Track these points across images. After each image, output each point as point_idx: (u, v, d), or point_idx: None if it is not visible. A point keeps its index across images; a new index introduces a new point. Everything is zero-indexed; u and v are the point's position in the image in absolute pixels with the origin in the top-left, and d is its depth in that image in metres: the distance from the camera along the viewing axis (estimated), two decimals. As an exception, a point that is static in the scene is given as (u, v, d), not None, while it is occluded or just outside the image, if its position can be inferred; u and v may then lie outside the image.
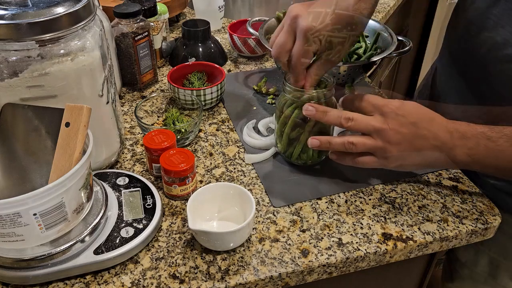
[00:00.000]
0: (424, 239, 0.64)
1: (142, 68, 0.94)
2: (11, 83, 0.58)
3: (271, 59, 1.10)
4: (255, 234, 0.64)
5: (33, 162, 0.64)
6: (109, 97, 0.69)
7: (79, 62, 0.61)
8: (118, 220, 0.62)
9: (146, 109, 0.87)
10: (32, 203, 0.49)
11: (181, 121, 0.83)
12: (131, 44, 0.90)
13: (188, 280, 0.58)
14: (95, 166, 0.72)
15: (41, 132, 0.63)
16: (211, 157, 0.79)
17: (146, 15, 0.97)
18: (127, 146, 0.81)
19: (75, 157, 0.55)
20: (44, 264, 0.56)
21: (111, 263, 0.59)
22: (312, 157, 0.74)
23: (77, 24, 0.59)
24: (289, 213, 0.68)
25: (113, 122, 0.72)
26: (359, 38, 0.96)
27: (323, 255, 0.61)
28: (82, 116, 0.55)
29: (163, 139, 0.71)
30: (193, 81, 0.92)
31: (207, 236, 0.60)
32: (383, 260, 0.64)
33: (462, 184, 0.74)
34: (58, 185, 0.51)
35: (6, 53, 0.56)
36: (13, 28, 0.54)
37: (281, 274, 0.59)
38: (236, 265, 0.60)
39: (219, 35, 1.22)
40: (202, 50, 1.03)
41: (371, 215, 0.67)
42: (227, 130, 0.85)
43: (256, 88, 0.97)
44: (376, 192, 0.72)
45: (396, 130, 0.61)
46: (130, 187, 0.67)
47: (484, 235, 0.68)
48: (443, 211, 0.68)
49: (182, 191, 0.68)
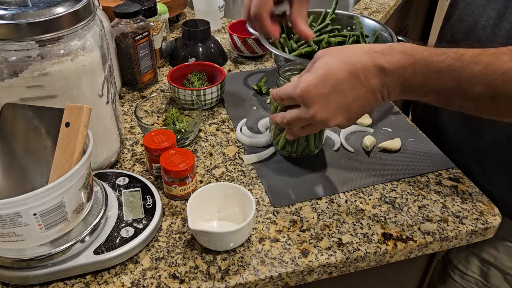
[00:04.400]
0: (424, 239, 0.64)
1: (142, 68, 0.94)
2: (11, 83, 0.58)
3: (271, 59, 1.10)
4: (255, 234, 0.64)
5: (33, 162, 0.64)
6: (109, 97, 0.69)
7: (79, 62, 0.61)
8: (118, 220, 0.62)
9: (146, 109, 0.87)
10: (32, 203, 0.49)
11: (181, 121, 0.83)
12: (131, 44, 0.90)
13: (188, 280, 0.58)
14: (95, 166, 0.72)
15: (41, 132, 0.63)
16: (211, 157, 0.79)
17: (146, 15, 0.97)
18: (127, 146, 0.81)
19: (75, 157, 0.55)
20: (44, 264, 0.56)
21: (111, 263, 0.59)
22: (297, 151, 0.76)
23: (77, 24, 0.59)
24: (289, 213, 0.68)
25: (113, 122, 0.72)
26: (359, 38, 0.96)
27: (323, 255, 0.61)
28: (82, 116, 0.55)
29: (163, 139, 0.71)
30: (193, 81, 0.92)
31: (207, 236, 0.60)
32: (383, 260, 0.64)
33: (462, 184, 0.74)
34: (58, 185, 0.51)
35: (6, 53, 0.56)
36: (13, 28, 0.54)
37: (281, 274, 0.59)
38: (236, 265, 0.60)
39: (219, 35, 1.22)
40: (202, 50, 1.03)
41: (371, 215, 0.67)
42: (227, 130, 0.85)
43: (256, 88, 0.97)
44: (376, 192, 0.72)
45: (319, 110, 0.59)
46: (130, 187, 0.67)
47: (484, 235, 0.68)
48: (443, 211, 0.68)
49: (182, 191, 0.68)
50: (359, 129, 0.86)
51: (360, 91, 0.57)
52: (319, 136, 0.76)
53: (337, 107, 0.59)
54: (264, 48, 1.06)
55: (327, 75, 0.58)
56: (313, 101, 0.59)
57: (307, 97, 0.59)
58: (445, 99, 0.56)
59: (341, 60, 0.58)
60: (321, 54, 0.61)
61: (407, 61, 0.55)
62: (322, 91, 0.58)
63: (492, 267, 0.81)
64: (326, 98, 0.58)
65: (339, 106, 0.58)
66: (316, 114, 0.59)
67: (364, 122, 0.86)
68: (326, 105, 0.58)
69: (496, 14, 0.68)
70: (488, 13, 0.69)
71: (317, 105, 0.59)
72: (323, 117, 0.59)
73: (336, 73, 0.57)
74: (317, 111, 0.59)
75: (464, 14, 0.75)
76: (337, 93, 0.58)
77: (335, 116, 0.59)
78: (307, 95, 0.58)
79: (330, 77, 0.57)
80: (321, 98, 0.58)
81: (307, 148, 0.76)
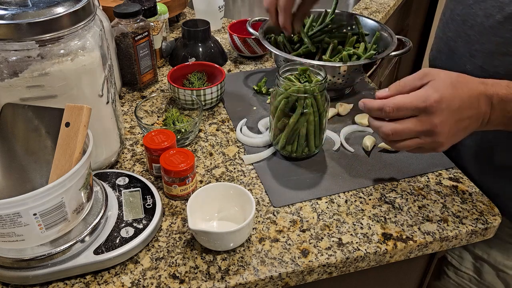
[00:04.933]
0: (424, 239, 0.64)
1: (142, 68, 0.94)
2: (11, 83, 0.58)
3: (271, 59, 1.10)
4: (255, 234, 0.64)
5: (33, 162, 0.64)
6: (109, 97, 0.69)
7: (79, 62, 0.61)
8: (118, 220, 0.62)
9: (146, 109, 0.87)
10: (32, 203, 0.49)
11: (181, 121, 0.83)
12: (131, 44, 0.90)
13: (188, 280, 0.58)
14: (95, 166, 0.72)
15: (41, 132, 0.63)
16: (211, 157, 0.79)
17: (146, 15, 0.97)
18: (127, 146, 0.81)
19: (75, 157, 0.55)
20: (44, 264, 0.56)
21: (111, 263, 0.59)
22: (297, 151, 0.76)
23: (77, 24, 0.59)
24: (289, 213, 0.68)
25: (113, 122, 0.72)
26: (359, 38, 0.96)
27: (323, 255, 0.61)
28: (82, 116, 0.55)
29: (163, 139, 0.71)
30: (193, 81, 0.92)
31: (207, 236, 0.60)
32: (383, 260, 0.64)
33: (462, 184, 0.74)
34: (58, 185, 0.51)
35: (6, 53, 0.56)
36: (13, 28, 0.54)
37: (281, 274, 0.59)
38: (236, 265, 0.60)
39: (219, 35, 1.22)
40: (202, 50, 1.03)
41: (371, 215, 0.67)
42: (227, 130, 0.85)
43: (256, 88, 0.97)
44: (376, 192, 0.72)
45: (442, 123, 0.59)
46: (130, 187, 0.67)
47: (484, 235, 0.68)
48: (443, 211, 0.68)
49: (182, 191, 0.68)
50: (359, 129, 0.86)
51: (472, 114, 0.60)
52: (319, 136, 0.76)
53: (454, 123, 0.59)
54: (264, 48, 1.06)
55: (454, 92, 0.59)
56: (441, 112, 0.58)
57: (438, 108, 0.58)
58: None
59: (462, 83, 0.60)
60: (436, 72, 0.61)
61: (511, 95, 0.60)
62: (452, 105, 0.58)
63: (485, 264, 0.81)
64: (452, 113, 0.59)
65: (455, 123, 0.59)
66: (438, 125, 0.58)
67: (364, 122, 0.86)
68: (449, 119, 0.59)
69: (483, 13, 0.69)
70: (475, 12, 0.71)
71: (443, 117, 0.58)
72: (441, 129, 0.59)
73: (461, 93, 0.59)
74: (440, 122, 0.58)
75: (454, 14, 0.77)
76: (459, 111, 0.59)
77: (449, 131, 0.59)
78: (439, 105, 0.58)
79: (457, 95, 0.59)
80: (448, 112, 0.58)
81: (307, 148, 0.76)
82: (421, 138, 0.60)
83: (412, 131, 0.60)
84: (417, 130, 0.59)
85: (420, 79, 0.61)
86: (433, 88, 0.59)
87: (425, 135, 0.60)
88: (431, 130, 0.59)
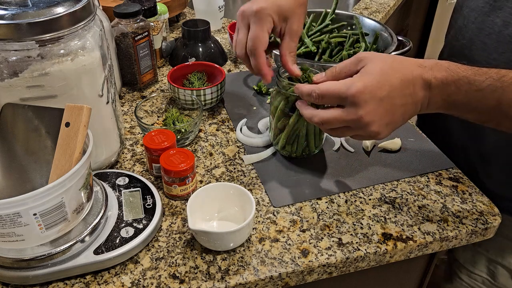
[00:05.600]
0: (424, 239, 0.64)
1: (142, 68, 0.94)
2: (11, 83, 0.58)
3: (271, 59, 1.10)
4: (255, 234, 0.64)
5: (33, 162, 0.64)
6: (109, 97, 0.69)
7: (79, 62, 0.61)
8: (118, 220, 0.62)
9: (146, 109, 0.87)
10: (32, 203, 0.49)
11: (181, 121, 0.83)
12: (131, 44, 0.90)
13: (188, 280, 0.58)
14: (95, 166, 0.72)
15: (41, 132, 0.63)
16: (211, 157, 0.79)
17: (146, 15, 0.97)
18: (127, 146, 0.81)
19: (75, 157, 0.55)
20: (44, 264, 0.56)
21: (111, 263, 0.59)
22: (297, 151, 0.76)
23: (77, 24, 0.59)
24: (289, 213, 0.68)
25: (113, 122, 0.72)
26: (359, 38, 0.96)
27: (323, 255, 0.61)
28: (82, 116, 0.55)
29: (163, 139, 0.71)
30: (193, 81, 0.92)
31: (207, 236, 0.60)
32: (383, 260, 0.64)
33: (462, 184, 0.74)
34: (58, 185, 0.51)
35: (6, 53, 0.56)
36: (13, 28, 0.54)
37: (281, 274, 0.59)
38: (236, 265, 0.60)
39: (219, 35, 1.22)
40: (202, 50, 1.03)
41: (371, 215, 0.67)
42: (227, 130, 0.85)
43: (256, 88, 0.97)
44: (376, 192, 0.72)
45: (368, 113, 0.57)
46: (130, 187, 0.67)
47: (484, 235, 0.68)
48: (443, 211, 0.68)
49: (182, 191, 0.68)
50: (359, 129, 0.86)
51: (407, 101, 0.58)
52: (319, 136, 0.76)
53: (385, 112, 0.57)
54: (264, 48, 1.06)
55: (383, 80, 0.57)
56: (366, 103, 0.56)
57: (361, 98, 0.56)
58: (484, 117, 0.58)
59: (395, 68, 0.58)
60: (370, 57, 0.59)
61: (451, 78, 0.56)
62: (377, 94, 0.56)
63: (500, 266, 0.81)
64: (378, 102, 0.56)
65: (386, 111, 0.57)
66: (364, 117, 0.56)
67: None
68: (376, 108, 0.56)
69: (501, 22, 0.68)
70: (492, 20, 0.70)
71: (368, 107, 0.56)
72: (369, 120, 0.57)
73: (391, 80, 0.57)
74: (366, 113, 0.56)
75: (468, 21, 0.75)
76: (389, 99, 0.57)
77: (380, 120, 0.57)
78: (362, 96, 0.56)
79: (386, 82, 0.57)
80: (374, 101, 0.56)
81: (307, 148, 0.76)
82: (353, 128, 0.59)
83: (339, 121, 0.58)
84: (344, 119, 0.58)
85: (355, 64, 0.59)
86: (360, 76, 0.57)
87: (355, 125, 0.58)
88: (357, 120, 0.57)
